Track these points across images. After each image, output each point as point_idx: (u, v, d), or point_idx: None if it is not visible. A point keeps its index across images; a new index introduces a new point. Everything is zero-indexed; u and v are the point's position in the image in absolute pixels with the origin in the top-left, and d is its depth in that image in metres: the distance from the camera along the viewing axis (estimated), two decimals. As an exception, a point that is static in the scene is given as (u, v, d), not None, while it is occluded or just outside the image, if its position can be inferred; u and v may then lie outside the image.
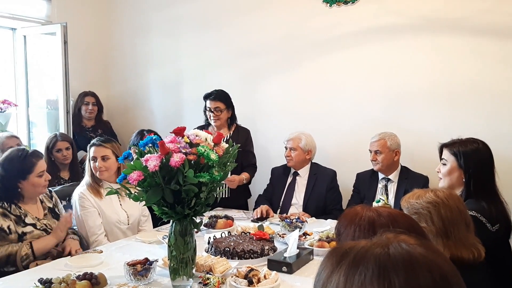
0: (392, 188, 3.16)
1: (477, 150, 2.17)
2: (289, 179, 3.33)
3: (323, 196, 3.22)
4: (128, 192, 1.76)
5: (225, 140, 3.32)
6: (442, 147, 2.31)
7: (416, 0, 3.40)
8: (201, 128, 3.36)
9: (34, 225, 2.36)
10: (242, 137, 3.46)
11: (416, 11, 3.40)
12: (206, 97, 3.43)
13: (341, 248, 0.72)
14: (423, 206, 1.52)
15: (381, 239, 0.72)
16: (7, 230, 2.26)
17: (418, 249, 0.68)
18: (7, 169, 2.35)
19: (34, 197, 2.44)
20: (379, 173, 3.22)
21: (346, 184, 3.50)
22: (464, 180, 2.18)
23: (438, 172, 2.31)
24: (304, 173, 3.30)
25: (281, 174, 3.40)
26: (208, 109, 3.41)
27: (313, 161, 3.36)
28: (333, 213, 3.12)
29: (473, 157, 2.16)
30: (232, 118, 3.49)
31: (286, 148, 3.30)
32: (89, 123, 4.30)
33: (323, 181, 3.25)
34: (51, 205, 2.53)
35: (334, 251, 0.72)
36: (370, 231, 1.06)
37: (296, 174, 3.31)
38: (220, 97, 3.41)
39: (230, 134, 3.44)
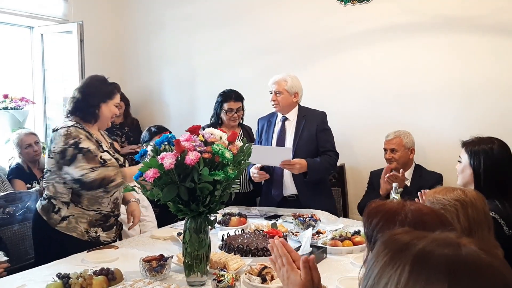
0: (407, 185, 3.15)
1: (489, 150, 2.14)
2: (278, 126, 3.14)
3: (314, 138, 3.04)
4: (144, 189, 1.79)
5: (239, 139, 3.35)
6: (462, 144, 2.29)
7: (430, -1, 3.38)
8: (212, 126, 3.36)
9: (108, 153, 2.42)
10: (249, 134, 3.55)
11: (431, 9, 3.37)
12: (226, 99, 3.43)
13: (397, 241, 0.69)
14: (451, 203, 1.50)
15: (445, 237, 0.69)
16: (92, 152, 2.30)
17: (483, 254, 0.66)
18: (93, 87, 2.42)
19: (104, 126, 2.49)
20: (393, 172, 3.21)
21: (359, 180, 3.50)
22: (474, 179, 2.17)
23: (457, 168, 2.31)
24: (292, 116, 3.11)
25: (267, 123, 3.20)
26: (229, 110, 3.41)
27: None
28: (328, 154, 2.99)
29: (482, 156, 2.14)
30: (242, 117, 3.56)
31: (271, 92, 3.10)
32: (117, 120, 4.25)
33: (312, 122, 3.07)
34: (110, 141, 2.59)
35: (390, 243, 0.70)
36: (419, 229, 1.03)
37: (285, 119, 3.14)
38: (240, 97, 3.47)
39: (241, 132, 3.48)
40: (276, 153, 2.86)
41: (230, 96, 3.43)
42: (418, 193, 1.91)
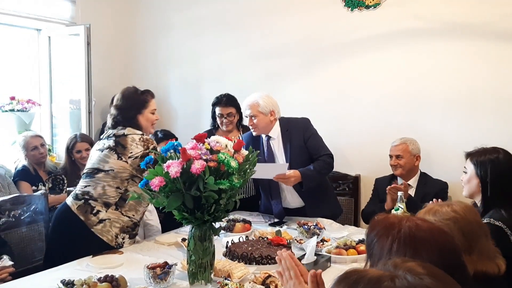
0: (411, 193, 3.14)
1: (496, 159, 2.14)
2: (265, 147, 3.07)
3: (304, 148, 2.99)
4: (150, 197, 1.79)
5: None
6: (466, 155, 2.29)
7: (437, 5, 3.36)
8: (209, 132, 3.38)
9: None
10: None
11: (438, 16, 3.36)
12: (216, 103, 3.45)
13: (350, 278, 0.73)
14: (443, 223, 1.49)
15: (388, 268, 0.73)
16: None
17: (426, 280, 0.68)
18: (127, 100, 2.51)
19: (147, 134, 2.57)
20: (398, 179, 3.21)
21: (366, 187, 3.48)
22: (481, 189, 2.17)
23: (462, 180, 2.30)
24: (275, 134, 3.03)
25: (254, 142, 3.06)
26: (219, 115, 3.43)
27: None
28: (321, 159, 2.94)
29: (490, 166, 2.14)
30: (240, 120, 3.53)
31: (246, 116, 3.04)
32: None
33: (297, 134, 3.01)
34: None
35: (344, 281, 0.74)
36: (410, 247, 1.03)
37: (268, 138, 3.06)
38: (231, 102, 3.44)
39: (240, 135, 3.47)
40: (272, 168, 2.85)
41: (220, 100, 3.44)
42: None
